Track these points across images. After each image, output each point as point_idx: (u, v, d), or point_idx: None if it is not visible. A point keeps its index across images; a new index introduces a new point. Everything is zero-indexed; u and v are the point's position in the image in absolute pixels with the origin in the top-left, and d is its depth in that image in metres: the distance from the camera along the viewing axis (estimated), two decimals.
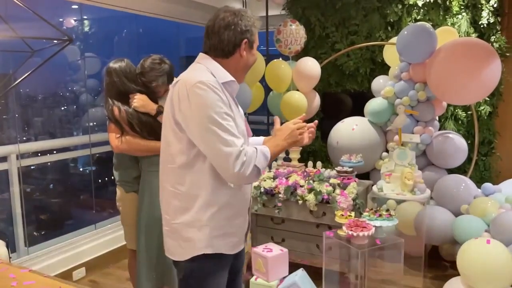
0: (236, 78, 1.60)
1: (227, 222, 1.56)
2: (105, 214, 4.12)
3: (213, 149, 1.43)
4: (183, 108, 1.47)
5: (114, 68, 2.33)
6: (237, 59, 1.59)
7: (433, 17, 3.91)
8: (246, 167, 1.44)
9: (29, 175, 3.97)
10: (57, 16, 4.26)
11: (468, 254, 2.50)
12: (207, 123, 1.42)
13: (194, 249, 1.54)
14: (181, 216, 1.55)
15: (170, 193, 1.58)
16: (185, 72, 1.58)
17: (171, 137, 1.54)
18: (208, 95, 1.44)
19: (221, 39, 1.55)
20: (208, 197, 1.51)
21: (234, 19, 1.55)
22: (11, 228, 3.20)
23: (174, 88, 1.53)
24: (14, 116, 3.85)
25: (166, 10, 4.24)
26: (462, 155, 3.49)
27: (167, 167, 1.59)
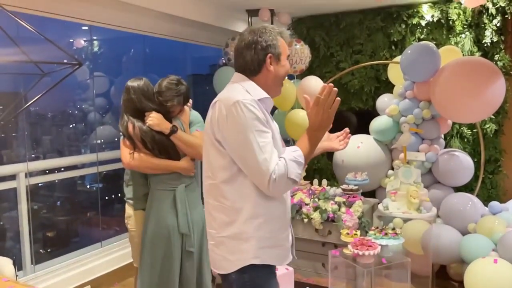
0: (270, 92, 1.64)
1: (273, 234, 1.58)
2: (111, 231, 4.13)
3: (250, 167, 1.49)
4: (223, 127, 1.52)
5: (133, 86, 2.39)
6: (265, 74, 1.62)
7: (437, 36, 3.95)
8: (279, 182, 1.47)
9: (36, 193, 4.01)
10: (67, 37, 4.36)
11: (475, 273, 2.47)
12: (244, 142, 1.47)
13: (241, 260, 1.56)
14: (226, 229, 1.57)
15: (214, 207, 1.60)
16: (222, 92, 1.63)
17: (213, 155, 1.58)
18: (246, 114, 1.48)
19: (245, 60, 1.61)
20: (253, 209, 1.54)
21: (253, 38, 1.59)
22: (18, 246, 3.22)
23: (213, 109, 1.58)
24: (24, 134, 3.91)
25: (173, 31, 4.33)
26: (468, 173, 3.48)
27: (209, 183, 1.62)
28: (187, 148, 2.40)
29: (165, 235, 2.37)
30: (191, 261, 2.42)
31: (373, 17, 4.21)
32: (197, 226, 2.46)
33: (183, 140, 2.39)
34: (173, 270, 2.37)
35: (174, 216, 2.38)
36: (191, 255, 2.42)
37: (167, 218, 2.37)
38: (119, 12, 3.61)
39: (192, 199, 2.47)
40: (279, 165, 1.48)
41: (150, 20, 3.93)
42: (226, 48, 4.21)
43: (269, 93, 1.63)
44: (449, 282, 3.46)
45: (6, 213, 3.83)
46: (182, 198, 2.40)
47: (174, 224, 2.37)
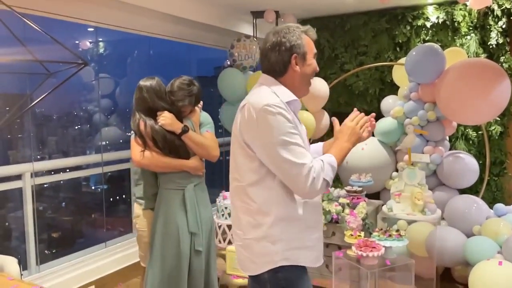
0: (298, 92, 1.63)
1: (301, 235, 1.57)
2: (116, 232, 4.15)
3: (284, 170, 1.48)
4: (252, 131, 1.51)
5: (145, 85, 2.41)
6: (291, 75, 1.60)
7: (442, 38, 3.94)
8: (316, 182, 1.47)
9: (42, 194, 4.04)
10: (73, 39, 4.39)
11: (480, 276, 2.46)
12: (276, 145, 1.47)
13: (269, 262, 1.55)
14: (253, 231, 1.56)
15: (241, 209, 1.60)
16: (250, 94, 1.62)
17: (241, 158, 1.58)
18: (275, 117, 1.47)
19: (270, 61, 1.60)
20: (280, 212, 1.53)
21: (277, 39, 1.58)
22: (23, 245, 3.24)
23: (241, 112, 1.57)
24: (29, 135, 3.94)
25: (178, 33, 4.35)
26: (473, 175, 3.46)
27: (236, 185, 1.62)
28: (197, 148, 2.43)
29: (174, 234, 2.38)
30: (200, 260, 2.44)
31: (378, 19, 4.21)
32: (205, 225, 2.48)
33: (194, 140, 2.41)
34: (182, 269, 2.37)
35: (183, 215, 2.39)
36: (200, 254, 2.43)
37: (176, 217, 2.39)
38: (125, 14, 3.63)
39: (201, 198, 2.49)
40: (316, 165, 1.49)
41: (155, 22, 3.95)
42: (231, 50, 4.22)
43: (297, 93, 1.62)
44: (454, 285, 3.44)
45: (12, 213, 3.86)
46: (192, 197, 2.42)
47: (183, 223, 2.39)
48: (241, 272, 3.06)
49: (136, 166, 2.47)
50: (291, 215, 1.55)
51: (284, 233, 1.54)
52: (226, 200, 3.43)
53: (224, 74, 4.20)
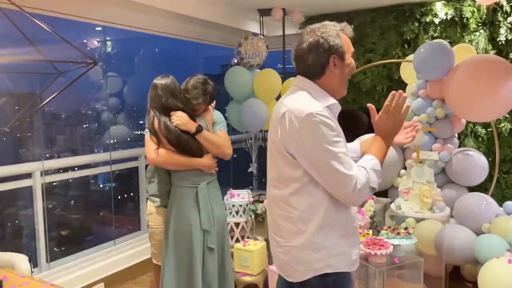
0: (336, 93, 1.58)
1: (342, 241, 1.55)
2: (124, 230, 4.18)
3: (330, 179, 1.45)
4: (295, 141, 1.47)
5: (160, 83, 2.44)
6: (330, 76, 1.54)
7: (450, 34, 3.91)
8: (363, 191, 1.45)
9: (51, 192, 4.08)
10: (81, 38, 4.43)
11: (489, 274, 2.44)
12: (322, 156, 1.43)
13: (312, 270, 1.53)
14: (295, 238, 1.54)
15: (281, 216, 1.57)
16: (288, 100, 1.55)
17: (283, 166, 1.53)
18: (320, 127, 1.43)
19: (307, 63, 1.54)
20: (322, 220, 1.51)
21: (314, 39, 1.51)
22: (34, 243, 3.28)
23: (282, 120, 1.50)
24: (39, 134, 3.98)
25: (185, 31, 4.36)
26: (483, 172, 3.43)
27: (276, 193, 1.59)
28: (211, 147, 2.45)
29: (187, 231, 2.40)
30: (213, 257, 2.45)
31: (386, 16, 4.18)
32: (218, 222, 2.50)
33: (208, 139, 2.43)
34: (195, 266, 2.39)
35: (196, 213, 2.42)
36: (213, 251, 2.45)
37: (189, 215, 2.41)
38: (132, 13, 3.64)
39: (214, 196, 2.52)
40: (360, 174, 1.46)
41: (163, 20, 3.96)
42: (239, 48, 4.23)
43: (334, 94, 1.57)
44: (463, 283, 3.42)
45: (22, 211, 3.90)
46: (204, 195, 2.44)
47: (196, 220, 2.41)
48: (249, 270, 3.09)
49: (150, 163, 2.49)
50: (333, 222, 1.52)
51: (327, 240, 1.51)
52: (233, 198, 3.45)
53: (230, 72, 4.20)
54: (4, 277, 1.92)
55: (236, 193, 3.55)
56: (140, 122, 5.88)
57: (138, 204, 4.10)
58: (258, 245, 3.17)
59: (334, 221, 1.52)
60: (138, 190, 4.11)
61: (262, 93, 4.13)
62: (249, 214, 3.46)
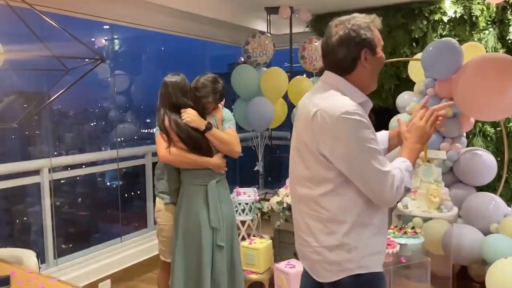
0: (366, 88, 1.52)
1: (374, 241, 1.51)
2: (131, 227, 4.20)
3: (367, 179, 1.41)
4: (329, 141, 1.41)
5: (171, 81, 2.45)
6: (360, 71, 1.48)
7: (459, 33, 3.87)
8: (399, 191, 1.42)
9: (59, 189, 4.11)
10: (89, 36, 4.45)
11: (497, 274, 2.42)
12: (359, 156, 1.39)
13: (343, 271, 1.49)
14: (326, 239, 1.49)
15: (310, 217, 1.53)
16: (318, 97, 1.49)
17: (314, 167, 1.48)
18: (355, 126, 1.38)
19: (337, 57, 1.46)
20: (355, 220, 1.46)
21: (345, 32, 1.44)
22: (41, 239, 3.31)
23: (313, 119, 1.44)
24: (47, 132, 4.01)
25: (192, 29, 4.37)
26: (491, 172, 3.40)
27: (305, 193, 1.53)
28: (220, 144, 2.46)
29: (196, 229, 2.41)
30: (222, 255, 2.46)
31: (394, 14, 4.15)
32: (227, 221, 2.51)
33: (217, 137, 2.44)
34: (204, 263, 2.40)
35: (205, 211, 2.42)
36: (222, 249, 2.46)
37: (198, 213, 2.42)
38: (140, 11, 3.66)
39: (223, 195, 2.53)
40: (396, 175, 1.42)
41: (170, 19, 3.97)
42: (246, 46, 4.22)
43: (365, 89, 1.51)
44: (470, 283, 3.39)
45: (31, 208, 3.94)
46: (214, 193, 2.45)
47: (205, 218, 2.42)
48: (255, 268, 3.09)
49: (162, 161, 2.50)
50: (366, 222, 1.48)
51: (359, 240, 1.47)
52: (240, 196, 3.45)
53: (237, 71, 4.20)
54: (12, 272, 1.94)
55: (243, 191, 3.55)
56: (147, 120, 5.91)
57: (145, 201, 4.12)
58: (264, 243, 3.16)
59: (367, 221, 1.48)
60: (144, 187, 4.13)
61: (268, 92, 4.13)
62: (255, 212, 3.46)
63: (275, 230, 3.32)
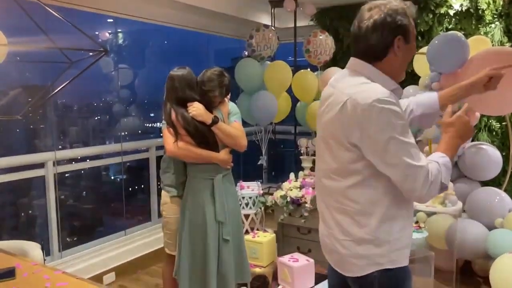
0: (394, 77, 1.44)
1: (403, 234, 1.46)
2: (135, 220, 4.22)
3: (401, 172, 1.33)
4: (360, 131, 1.33)
5: (177, 75, 2.44)
6: (391, 59, 1.41)
7: (465, 26, 3.84)
8: (433, 187, 1.34)
9: (63, 182, 4.13)
10: (92, 29, 4.44)
11: (501, 269, 2.41)
12: (391, 146, 1.31)
13: (371, 265, 1.44)
14: (354, 233, 1.44)
15: (337, 209, 1.48)
16: (346, 85, 1.41)
17: (342, 157, 1.42)
18: (388, 114, 1.30)
19: (369, 44, 1.39)
20: (384, 214, 1.41)
21: (381, 17, 1.36)
22: (46, 232, 3.33)
23: (342, 109, 1.37)
24: (52, 125, 4.02)
25: (196, 23, 4.35)
26: (496, 167, 3.38)
27: (331, 185, 1.48)
28: (227, 138, 2.46)
29: (201, 222, 2.42)
30: (228, 248, 2.47)
31: None
32: (233, 215, 2.52)
33: (223, 131, 2.44)
34: (209, 257, 2.41)
35: (211, 205, 2.43)
36: (228, 242, 2.46)
37: (204, 206, 2.42)
38: (144, 4, 3.64)
39: (229, 189, 2.54)
40: (432, 167, 1.35)
41: (174, 12, 3.96)
42: (250, 40, 4.20)
43: (393, 79, 1.43)
44: (474, 278, 3.39)
45: (35, 201, 3.96)
46: (220, 187, 2.45)
47: (211, 212, 2.42)
48: (258, 261, 3.09)
49: (169, 155, 2.51)
50: (395, 215, 1.42)
51: (389, 234, 1.42)
52: (243, 190, 3.45)
53: (241, 64, 4.18)
54: (17, 264, 1.95)
55: (246, 185, 3.56)
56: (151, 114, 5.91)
57: (149, 195, 4.13)
58: (268, 237, 3.17)
59: (397, 214, 1.43)
60: (148, 181, 4.14)
61: (272, 86, 4.11)
62: (259, 206, 3.46)
63: (278, 224, 3.32)
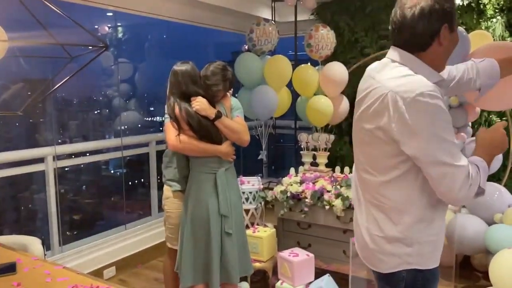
0: (437, 69, 1.37)
1: (437, 237, 1.42)
2: (135, 215, 4.23)
3: (439, 171, 1.27)
4: (400, 126, 1.28)
5: (181, 70, 2.44)
6: (435, 49, 1.33)
7: (467, 21, 3.82)
8: (472, 189, 1.29)
9: (63, 177, 4.13)
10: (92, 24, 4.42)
11: (501, 264, 2.42)
12: (433, 143, 1.26)
13: (400, 264, 1.42)
14: (386, 229, 1.41)
15: (371, 204, 1.45)
16: (387, 77, 1.35)
17: (380, 152, 1.38)
18: (432, 109, 1.24)
19: (415, 32, 1.31)
20: (419, 213, 1.37)
21: (428, 3, 1.29)
22: (46, 227, 3.33)
23: (382, 102, 1.32)
24: (51, 120, 4.02)
25: (196, 17, 4.33)
26: (496, 162, 3.37)
27: (367, 179, 1.46)
28: (229, 133, 2.47)
29: (204, 216, 2.43)
30: (231, 242, 2.48)
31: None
32: (235, 208, 2.53)
33: (227, 126, 2.45)
34: (212, 250, 2.42)
35: (214, 198, 2.44)
36: (230, 236, 2.48)
37: (207, 200, 2.43)
38: None
39: (231, 183, 2.54)
40: (472, 172, 1.29)
41: (174, 6, 3.94)
42: (251, 34, 4.18)
43: (436, 69, 1.37)
44: (473, 273, 3.40)
45: (36, 195, 3.97)
46: (223, 181, 2.46)
47: (214, 206, 2.43)
48: (258, 256, 3.10)
49: (171, 149, 2.51)
50: (431, 217, 1.38)
51: (423, 235, 1.38)
52: (243, 185, 3.45)
53: (241, 59, 4.17)
54: (18, 259, 1.95)
55: (246, 180, 3.56)
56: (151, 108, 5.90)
57: (149, 189, 4.14)
58: (268, 231, 3.18)
59: (433, 215, 1.39)
60: (148, 176, 4.14)
61: (272, 80, 4.10)
62: (259, 201, 3.46)
63: (278, 219, 3.33)
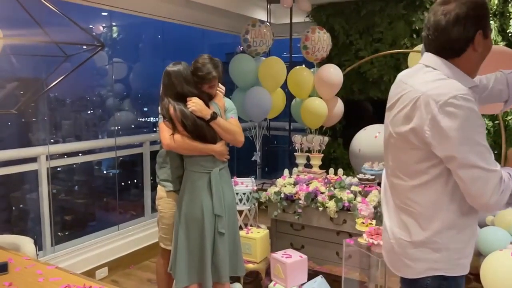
0: (470, 75, 1.36)
1: (464, 245, 1.38)
2: (128, 215, 4.21)
3: (471, 175, 1.25)
4: (432, 130, 1.26)
5: (174, 70, 2.44)
6: (469, 55, 1.32)
7: None
8: (503, 196, 1.27)
9: (56, 177, 4.10)
10: (87, 23, 4.40)
11: (492, 266, 2.44)
12: (466, 147, 1.24)
13: (426, 270, 1.39)
14: (413, 234, 1.39)
15: (401, 210, 1.43)
16: (419, 81, 1.34)
17: (409, 157, 1.36)
18: (466, 113, 1.22)
19: (450, 38, 1.30)
20: (448, 220, 1.34)
21: (463, 9, 1.28)
22: (39, 227, 3.31)
23: (414, 105, 1.30)
24: (44, 119, 3.99)
25: (191, 17, 4.33)
26: None
27: (396, 183, 1.45)
28: (224, 134, 2.47)
29: (198, 216, 2.43)
30: (223, 242, 2.48)
31: (395, 5, 4.13)
32: (229, 208, 2.53)
33: (222, 126, 2.46)
34: (205, 250, 2.42)
35: (208, 198, 2.44)
36: (223, 236, 2.48)
37: (202, 200, 2.43)
38: None
39: (225, 182, 2.55)
40: (505, 177, 1.27)
41: (169, 6, 3.94)
42: (246, 35, 4.19)
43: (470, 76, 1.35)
44: None
45: (28, 195, 3.93)
46: (217, 181, 2.47)
47: (208, 205, 2.43)
48: (251, 257, 3.10)
49: (165, 148, 2.51)
50: (459, 224, 1.35)
51: (452, 242, 1.35)
52: (237, 186, 3.45)
53: (235, 60, 4.17)
54: (9, 259, 1.94)
55: (240, 181, 3.56)
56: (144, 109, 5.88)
57: (142, 190, 4.12)
58: (261, 233, 3.18)
59: (464, 223, 1.36)
60: (142, 176, 4.13)
61: (266, 81, 4.11)
62: (253, 202, 3.47)
63: (272, 220, 3.33)
